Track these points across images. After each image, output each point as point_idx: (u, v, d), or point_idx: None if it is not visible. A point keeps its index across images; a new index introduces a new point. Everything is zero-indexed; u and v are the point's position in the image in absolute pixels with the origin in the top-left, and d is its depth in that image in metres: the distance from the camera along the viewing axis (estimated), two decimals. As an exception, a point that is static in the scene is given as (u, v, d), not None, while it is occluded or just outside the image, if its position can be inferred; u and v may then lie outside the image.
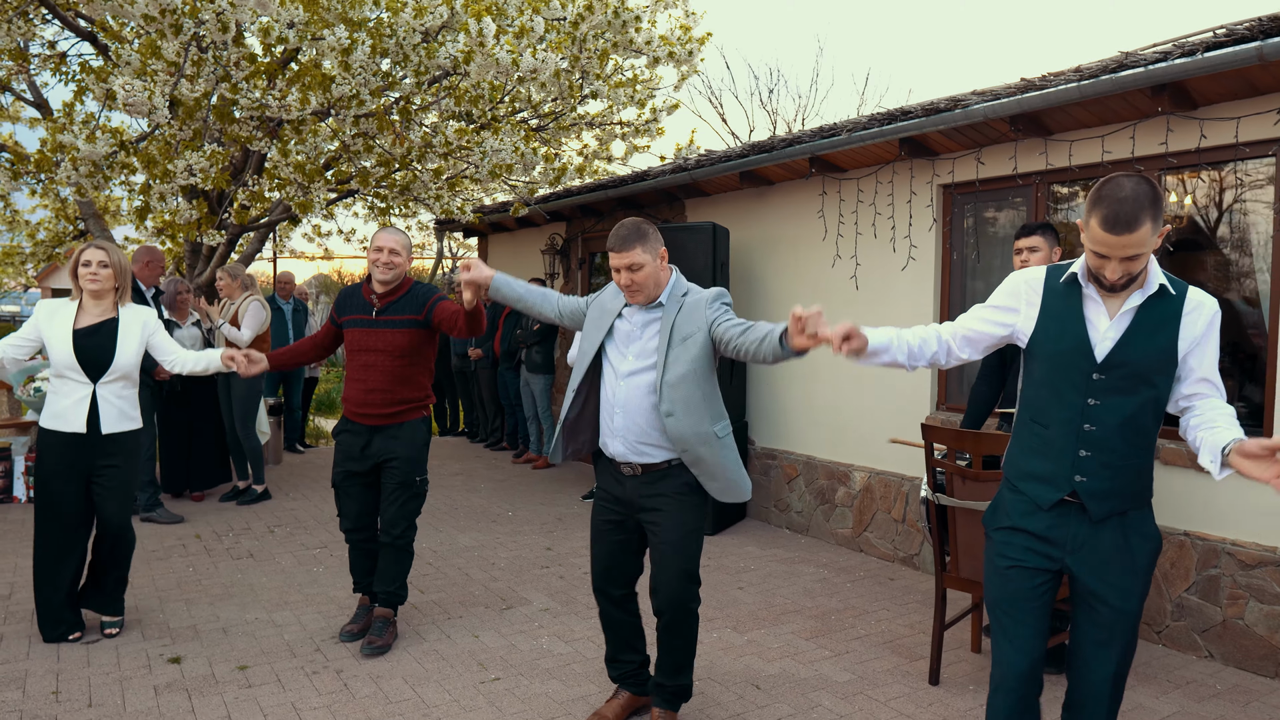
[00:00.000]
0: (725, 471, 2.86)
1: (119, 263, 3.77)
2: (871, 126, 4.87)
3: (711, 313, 2.83)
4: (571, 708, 3.27)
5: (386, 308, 3.72)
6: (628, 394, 2.87)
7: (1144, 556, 2.20)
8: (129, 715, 3.14)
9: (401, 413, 3.74)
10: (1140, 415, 2.15)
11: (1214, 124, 3.74)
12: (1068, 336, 2.19)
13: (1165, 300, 2.14)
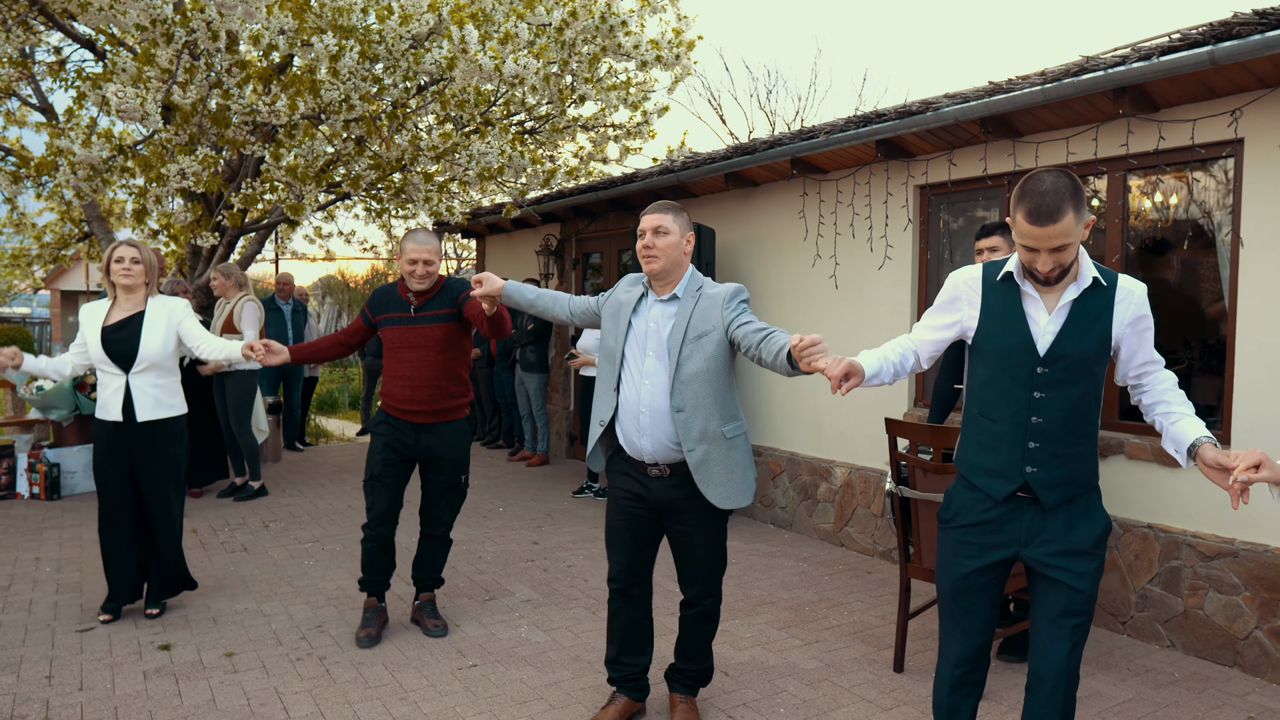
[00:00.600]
0: (729, 474, 2.84)
1: (149, 259, 4.00)
2: (848, 129, 4.97)
3: (729, 313, 2.81)
4: (544, 692, 3.39)
5: (424, 304, 3.81)
6: (651, 393, 2.85)
7: (1093, 538, 2.26)
8: (118, 698, 3.27)
9: (448, 410, 3.84)
10: (1083, 404, 2.24)
11: (1172, 126, 3.84)
12: (1010, 333, 2.26)
13: (1099, 292, 2.22)
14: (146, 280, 3.98)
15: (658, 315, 2.91)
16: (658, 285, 2.94)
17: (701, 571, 2.97)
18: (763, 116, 19.00)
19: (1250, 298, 3.67)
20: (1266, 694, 3.47)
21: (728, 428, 2.85)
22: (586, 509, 6.57)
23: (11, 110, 7.98)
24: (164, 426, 3.97)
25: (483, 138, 5.43)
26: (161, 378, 3.97)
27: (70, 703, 3.23)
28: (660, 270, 2.88)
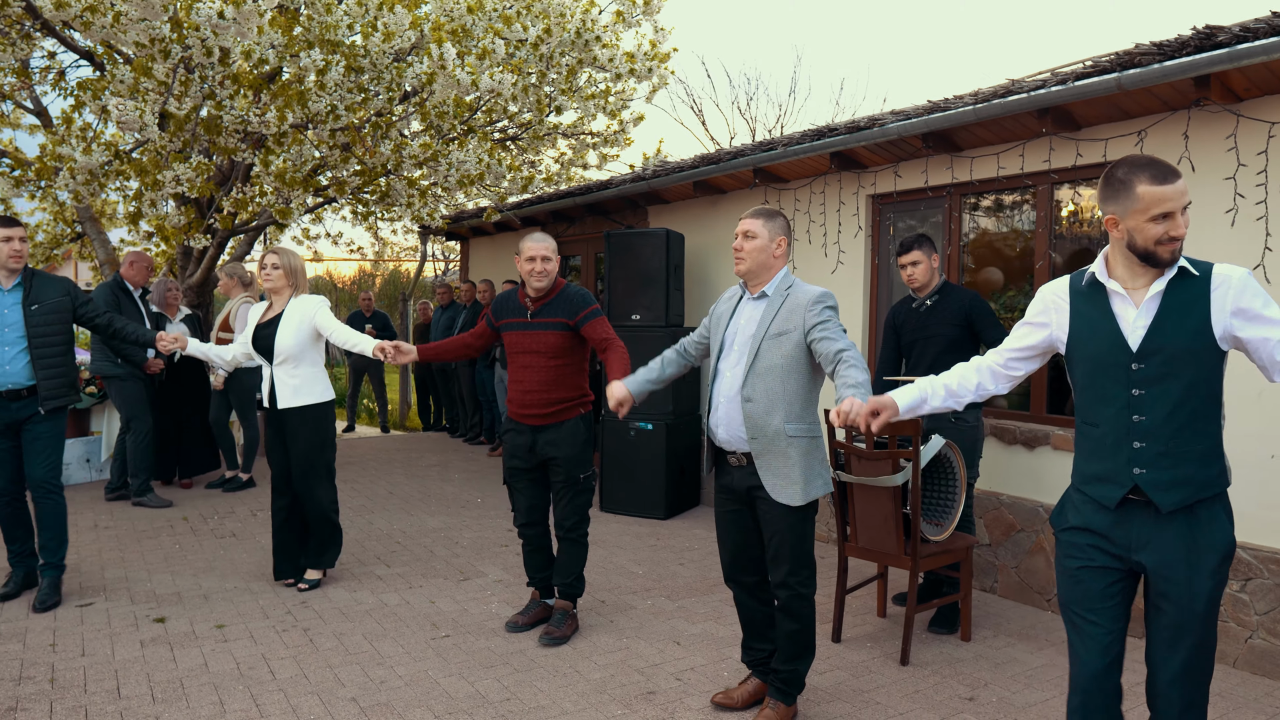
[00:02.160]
0: (787, 471, 2.92)
1: (289, 265, 4.41)
2: (804, 142, 5.31)
3: (812, 316, 2.90)
4: (509, 659, 3.70)
5: (540, 310, 3.87)
6: (730, 383, 3.01)
7: (1212, 556, 2.13)
8: (117, 663, 3.57)
9: (559, 411, 3.85)
10: (1190, 399, 2.13)
11: (1088, 144, 4.19)
12: (1101, 334, 2.21)
13: (1189, 281, 2.13)
14: (289, 283, 4.40)
15: (748, 313, 3.07)
16: (750, 285, 3.09)
17: (778, 562, 3.01)
18: (744, 123, 19.36)
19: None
20: (1168, 661, 3.82)
21: (790, 425, 2.92)
22: (561, 500, 6.88)
23: (5, 113, 8.24)
24: (298, 414, 4.36)
25: (461, 146, 5.74)
26: (298, 368, 4.35)
27: (73, 667, 3.52)
28: (747, 270, 3.03)
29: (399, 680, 3.46)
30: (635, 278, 6.37)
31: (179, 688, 3.35)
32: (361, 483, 7.40)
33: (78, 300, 4.38)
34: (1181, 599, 2.14)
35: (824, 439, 3.12)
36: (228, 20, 3.93)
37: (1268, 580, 3.64)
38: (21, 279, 4.25)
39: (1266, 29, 3.27)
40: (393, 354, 4.04)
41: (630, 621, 4.18)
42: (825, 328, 2.87)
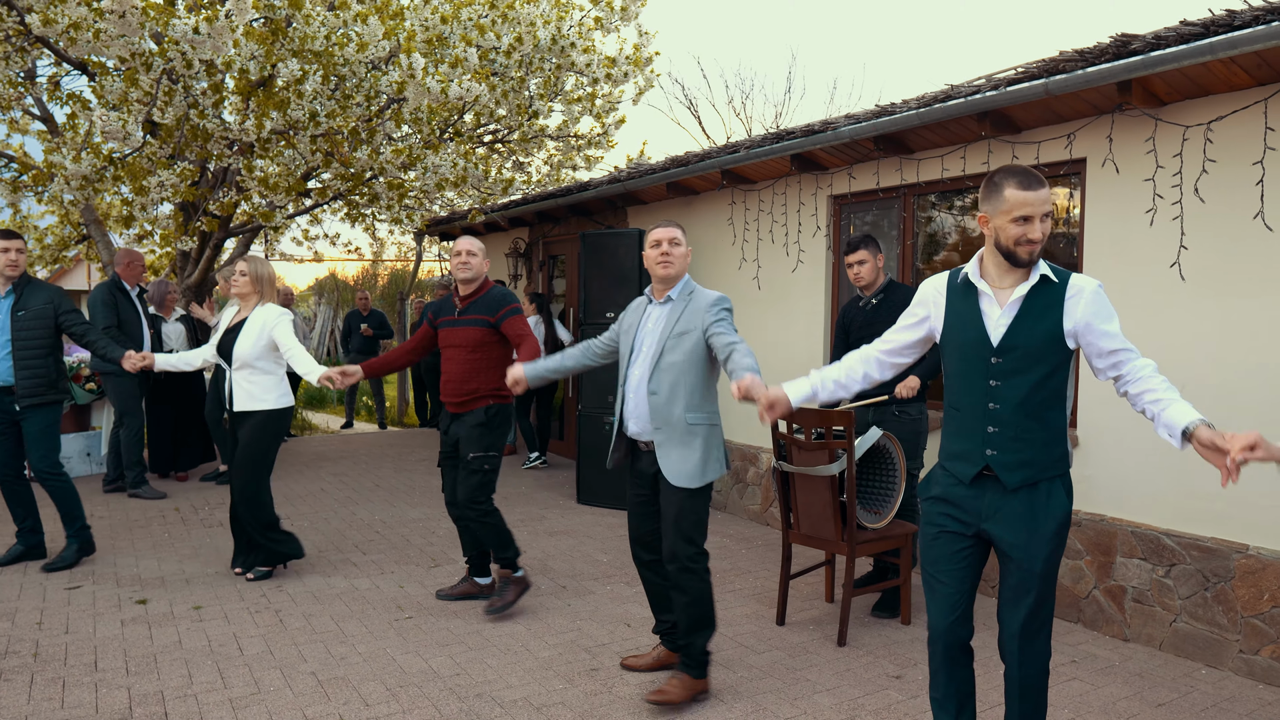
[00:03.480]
0: (686, 456, 3.18)
1: (256, 273, 4.58)
2: (765, 144, 5.49)
3: (710, 317, 3.19)
4: (465, 638, 3.91)
5: (467, 308, 4.20)
6: (638, 379, 3.28)
7: (1050, 523, 2.38)
8: (98, 639, 3.81)
9: (469, 401, 4.14)
10: (1038, 392, 2.38)
11: (1023, 146, 4.35)
12: (969, 329, 2.46)
13: (1049, 287, 2.37)
14: (255, 290, 4.56)
15: (655, 316, 3.34)
16: (659, 291, 3.34)
17: (670, 537, 3.23)
18: (740, 123, 19.53)
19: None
20: (1098, 644, 3.99)
21: (691, 415, 3.20)
22: (540, 493, 7.10)
23: (15, 119, 8.54)
24: (251, 418, 4.49)
25: (436, 151, 5.96)
26: (255, 375, 4.49)
27: (56, 643, 3.77)
28: (675, 274, 3.27)
29: (358, 657, 3.68)
30: (610, 276, 6.57)
31: (152, 662, 3.58)
32: (351, 476, 7.64)
33: (60, 309, 4.69)
34: (1023, 561, 2.40)
35: (721, 428, 3.35)
36: (203, 35, 4.16)
37: (1190, 566, 3.79)
38: (14, 287, 4.56)
39: (1175, 37, 3.42)
40: (339, 380, 4.24)
41: (586, 605, 4.38)
42: (721, 325, 3.17)
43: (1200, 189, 3.69)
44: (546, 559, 5.20)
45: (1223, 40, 3.27)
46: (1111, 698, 3.42)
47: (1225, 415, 3.57)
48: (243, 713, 3.16)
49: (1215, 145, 3.64)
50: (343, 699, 3.28)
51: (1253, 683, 3.55)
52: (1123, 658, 3.82)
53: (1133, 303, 3.98)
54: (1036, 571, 2.39)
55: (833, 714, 3.23)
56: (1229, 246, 3.62)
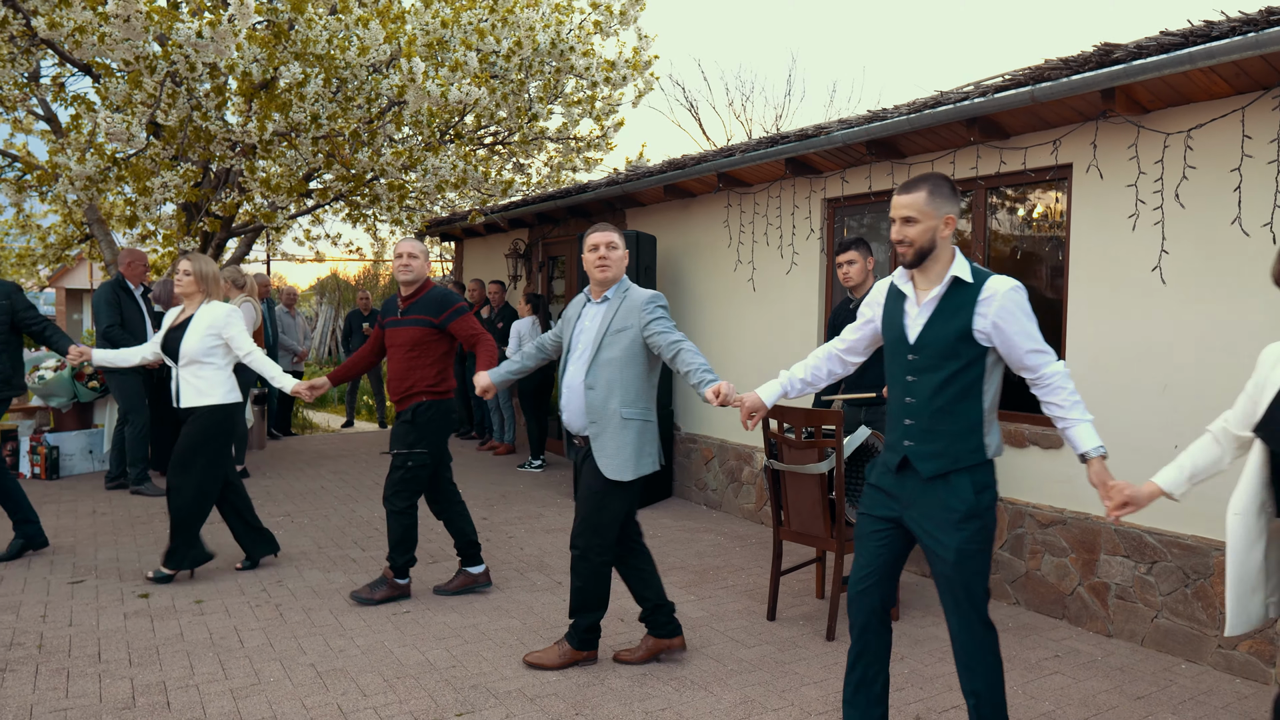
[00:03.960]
0: (618, 449, 3.34)
1: (200, 271, 4.60)
2: (760, 148, 5.57)
3: (646, 315, 3.33)
4: (462, 632, 4.00)
5: (408, 309, 4.32)
6: (574, 374, 3.44)
7: (955, 514, 2.49)
8: (101, 632, 3.89)
9: (405, 398, 4.28)
10: (949, 387, 2.51)
11: (1010, 152, 4.43)
12: (895, 327, 2.64)
13: (964, 288, 2.51)
14: (199, 289, 4.57)
15: (592, 314, 3.50)
16: (596, 291, 3.48)
17: (578, 524, 3.44)
18: (740, 125, 19.63)
19: (1078, 302, 4.26)
20: (1081, 640, 4.07)
21: (626, 410, 3.35)
22: (538, 491, 7.18)
23: (19, 119, 8.63)
24: (197, 414, 4.49)
25: (436, 154, 6.04)
26: (202, 371, 4.49)
27: (60, 635, 3.85)
28: (613, 277, 3.42)
29: (356, 649, 3.76)
30: (607, 278, 6.64)
31: (154, 654, 3.67)
32: (351, 474, 7.73)
33: (17, 306, 4.84)
34: (935, 549, 2.55)
35: (655, 424, 3.49)
36: (205, 39, 4.24)
37: (1170, 563, 3.87)
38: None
39: (1156, 47, 3.50)
40: (308, 394, 4.35)
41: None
42: (659, 324, 3.32)
43: (1180, 195, 3.77)
44: (543, 555, 5.28)
45: (1201, 50, 3.35)
46: (1092, 691, 3.50)
47: (1203, 414, 3.65)
48: (243, 702, 3.24)
49: (1195, 152, 3.72)
50: (341, 689, 3.36)
51: (1230, 677, 3.63)
52: (1105, 653, 3.90)
53: (1117, 305, 4.06)
54: (949, 560, 2.50)
55: (818, 705, 3.31)
56: (1208, 251, 3.70)
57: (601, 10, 7.50)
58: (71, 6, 4.15)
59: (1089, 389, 4.19)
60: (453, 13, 6.03)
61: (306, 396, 4.33)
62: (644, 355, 3.38)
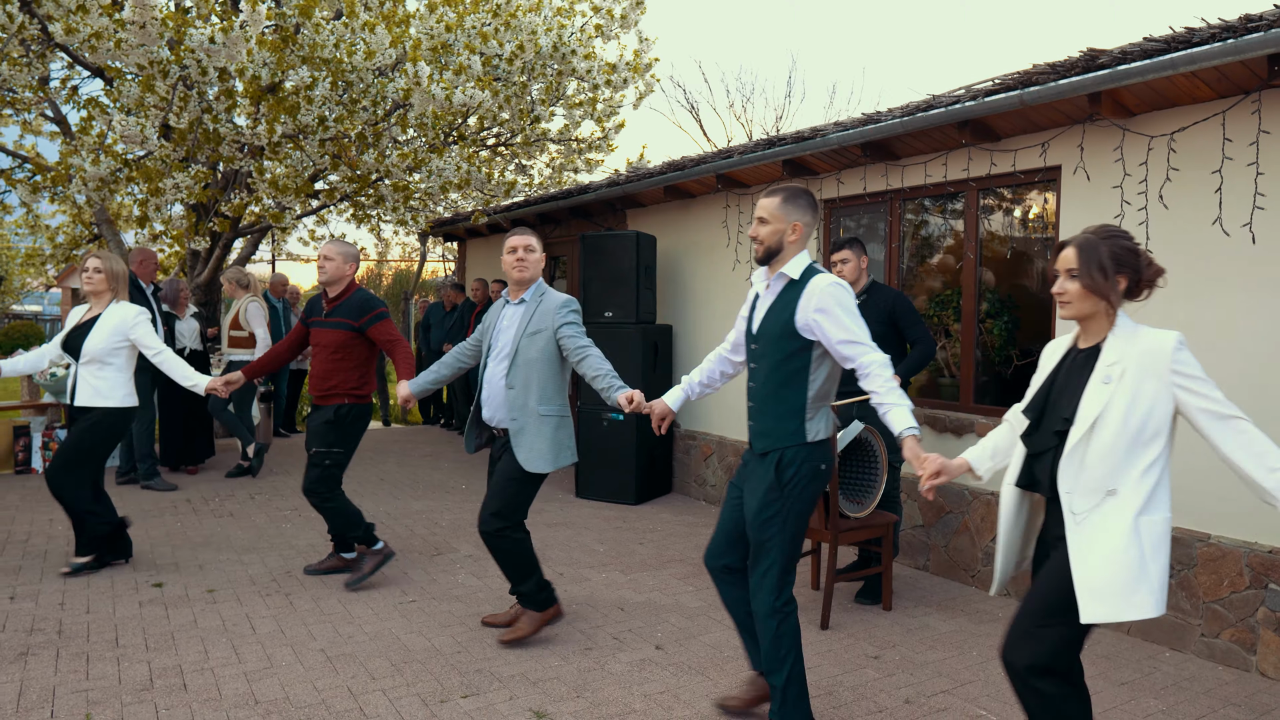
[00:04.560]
0: (538, 443, 3.64)
1: (110, 269, 4.62)
2: (758, 150, 5.69)
3: (559, 319, 3.64)
4: (466, 620, 4.11)
5: (332, 311, 4.50)
6: (495, 372, 3.74)
7: (766, 486, 2.83)
8: (118, 619, 4.01)
9: (326, 396, 4.47)
10: (777, 373, 2.84)
11: (1000, 154, 4.55)
12: (746, 319, 3.04)
13: (794, 286, 2.82)
14: (109, 288, 4.57)
15: (510, 315, 3.77)
16: (514, 292, 3.77)
17: (490, 508, 3.67)
18: (740, 127, 19.76)
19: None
20: (1069, 628, 4.18)
21: (543, 407, 3.65)
22: (541, 488, 7.30)
23: (28, 120, 8.76)
24: (90, 414, 4.49)
25: (440, 155, 6.17)
26: (102, 371, 4.49)
27: (78, 622, 3.97)
28: (530, 278, 3.71)
29: (364, 636, 3.89)
30: (608, 278, 6.77)
31: (170, 639, 3.79)
32: (356, 470, 7.85)
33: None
34: (754, 511, 2.87)
35: (570, 418, 3.75)
36: (218, 45, 4.36)
37: (1155, 553, 3.98)
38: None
39: (1140, 53, 3.62)
40: (223, 389, 4.48)
41: (582, 591, 4.58)
42: (570, 328, 3.63)
43: (1164, 196, 3.89)
44: (545, 549, 5.40)
45: (1183, 56, 3.46)
46: (1077, 677, 3.61)
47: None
48: (257, 685, 3.36)
49: (1178, 154, 3.83)
50: (350, 673, 3.48)
51: (1213, 664, 3.75)
52: (1092, 641, 4.01)
53: (1103, 304, 4.17)
54: (754, 526, 2.87)
55: (813, 691, 3.42)
56: (1190, 250, 3.81)
57: (603, 14, 7.62)
58: (89, 13, 4.28)
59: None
60: (456, 17, 6.15)
61: (221, 392, 4.43)
62: (558, 356, 3.67)
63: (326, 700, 3.24)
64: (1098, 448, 2.22)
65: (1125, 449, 2.21)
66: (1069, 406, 2.29)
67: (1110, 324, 2.31)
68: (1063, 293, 2.32)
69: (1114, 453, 2.21)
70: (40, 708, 3.12)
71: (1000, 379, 4.96)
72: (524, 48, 6.04)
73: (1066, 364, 2.40)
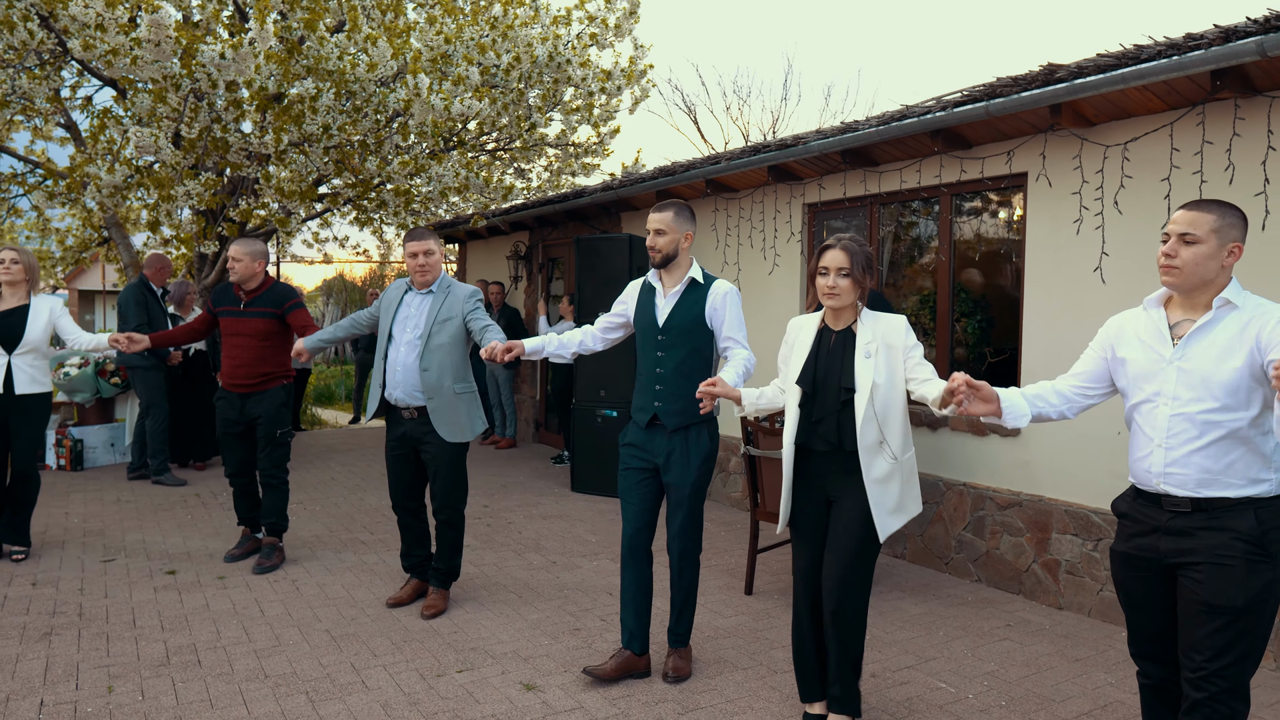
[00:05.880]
0: (455, 417, 4.03)
1: (28, 262, 4.87)
2: (744, 156, 5.93)
3: (468, 307, 4.04)
4: (463, 604, 4.34)
5: (252, 301, 4.79)
6: (405, 356, 4.03)
7: (698, 455, 3.38)
8: (134, 603, 4.26)
9: (264, 382, 4.79)
10: (688, 360, 3.37)
11: (970, 161, 4.78)
12: (647, 315, 3.47)
13: (696, 288, 3.39)
14: (26, 278, 4.82)
15: (417, 304, 4.10)
16: (419, 284, 4.10)
17: (440, 489, 4.08)
18: (736, 129, 19.99)
19: (1032, 299, 4.60)
20: (1033, 611, 4.41)
21: (458, 385, 4.06)
22: (536, 482, 7.54)
23: (38, 125, 9.02)
24: (36, 400, 4.82)
25: (440, 162, 6.41)
26: (38, 360, 4.83)
27: (97, 605, 4.22)
28: (430, 280, 4.10)
29: (367, 618, 4.13)
30: (602, 279, 7.00)
31: (184, 621, 4.04)
32: (358, 466, 8.10)
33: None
34: (678, 484, 3.37)
35: (477, 392, 4.14)
36: (228, 60, 4.60)
37: (1113, 540, 4.21)
38: None
39: (1094, 67, 3.85)
40: (125, 344, 4.68)
41: (574, 578, 4.82)
42: (477, 313, 4.03)
43: (1119, 201, 4.12)
44: (539, 539, 5.64)
45: (1133, 71, 3.69)
46: (1036, 654, 3.84)
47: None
48: (266, 661, 3.60)
49: (1131, 163, 4.06)
50: (354, 650, 3.73)
51: (1164, 643, 3.97)
52: (1054, 623, 4.24)
53: (1066, 303, 4.40)
54: (686, 491, 3.36)
55: (785, 666, 3.66)
56: (1141, 252, 4.04)
57: (598, 23, 7.86)
58: (106, 31, 4.52)
59: (1044, 377, 4.51)
60: (455, 29, 6.39)
61: (124, 346, 4.61)
62: (464, 339, 4.07)
63: (331, 674, 3.48)
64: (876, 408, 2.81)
65: (888, 407, 2.82)
66: (847, 378, 2.84)
67: (858, 311, 2.90)
68: (834, 287, 2.82)
69: (885, 411, 2.81)
70: (66, 680, 3.37)
71: (974, 375, 5.18)
72: (520, 59, 6.28)
73: (827, 344, 2.93)
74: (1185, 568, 2.24)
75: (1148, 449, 2.30)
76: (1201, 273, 2.21)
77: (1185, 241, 2.21)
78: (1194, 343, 2.22)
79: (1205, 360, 2.19)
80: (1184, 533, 2.24)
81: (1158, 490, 2.28)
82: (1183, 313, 2.29)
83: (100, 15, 4.47)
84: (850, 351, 2.86)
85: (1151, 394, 2.28)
